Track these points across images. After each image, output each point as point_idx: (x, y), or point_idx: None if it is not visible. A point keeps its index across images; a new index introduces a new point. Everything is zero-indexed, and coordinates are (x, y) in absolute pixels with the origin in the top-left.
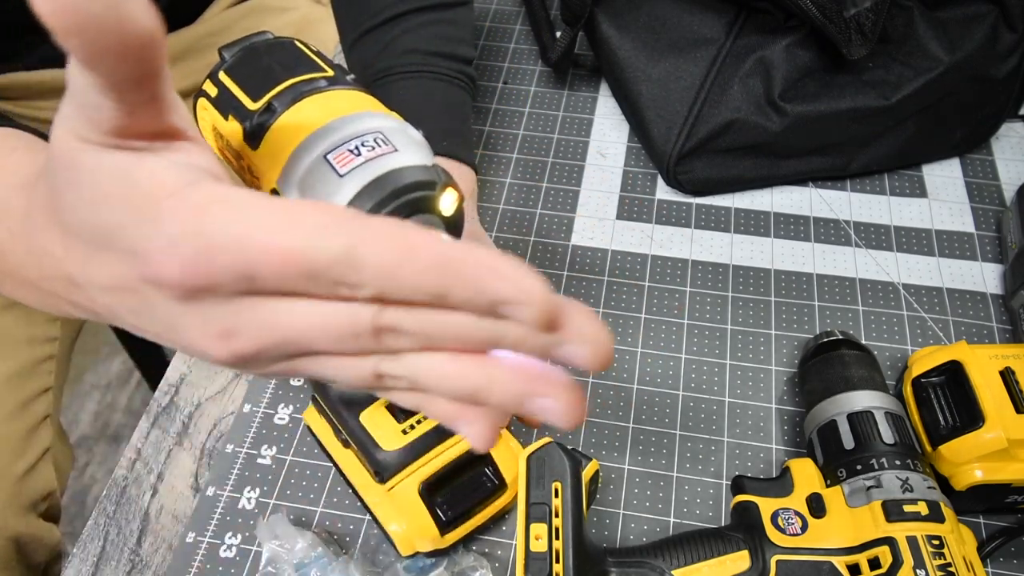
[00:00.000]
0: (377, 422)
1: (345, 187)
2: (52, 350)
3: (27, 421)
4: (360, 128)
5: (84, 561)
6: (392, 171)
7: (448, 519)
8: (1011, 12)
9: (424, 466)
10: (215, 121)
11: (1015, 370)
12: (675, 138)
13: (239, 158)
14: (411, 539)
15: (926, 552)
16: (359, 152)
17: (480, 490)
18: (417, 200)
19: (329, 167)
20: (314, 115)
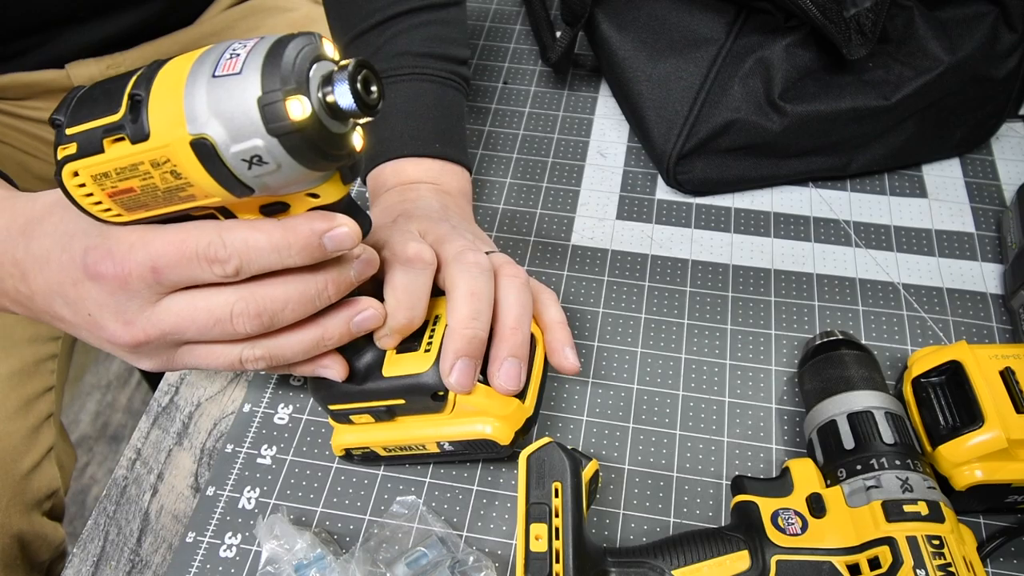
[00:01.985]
0: (400, 363)
1: (249, 78)
2: (54, 349)
3: (31, 420)
4: (223, 47)
5: (84, 561)
6: (274, 42)
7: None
8: (1011, 12)
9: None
10: (91, 169)
11: (1015, 370)
12: (675, 138)
13: (137, 168)
14: (507, 425)
15: (926, 552)
16: (237, 53)
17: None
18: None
19: (225, 78)
20: (179, 69)
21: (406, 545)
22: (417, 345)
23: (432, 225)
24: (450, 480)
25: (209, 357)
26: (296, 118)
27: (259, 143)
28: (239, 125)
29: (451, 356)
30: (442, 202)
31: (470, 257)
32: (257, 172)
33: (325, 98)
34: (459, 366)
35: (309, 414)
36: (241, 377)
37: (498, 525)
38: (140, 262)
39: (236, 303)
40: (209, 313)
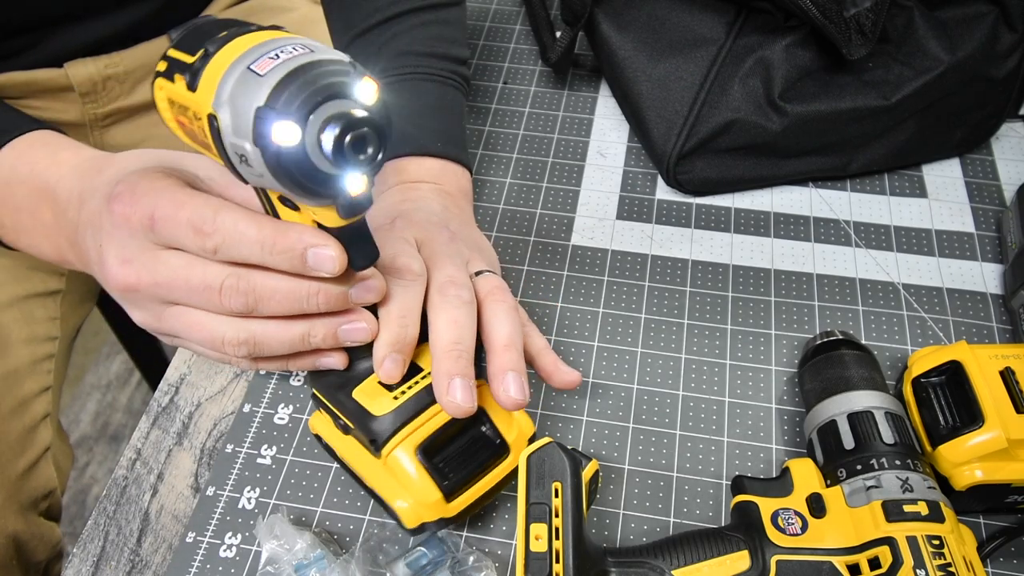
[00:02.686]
0: (368, 393)
1: (264, 84)
2: (51, 349)
3: (26, 420)
4: (282, 42)
5: (84, 561)
6: (306, 63)
7: (451, 482)
8: (1011, 12)
9: (419, 428)
10: (168, 92)
11: (1015, 370)
12: (675, 138)
13: (186, 111)
14: (417, 510)
15: (926, 552)
16: (278, 56)
17: (481, 451)
18: (331, 85)
19: (252, 74)
20: (243, 45)
21: (406, 545)
22: (395, 387)
23: (430, 234)
24: None
25: (194, 327)
26: (280, 142)
27: (247, 147)
28: (240, 122)
29: (444, 378)
30: (443, 203)
31: (451, 291)
32: (245, 170)
33: (319, 136)
34: (457, 384)
35: (309, 414)
36: (241, 377)
37: (498, 525)
38: (144, 207)
39: (228, 276)
40: (201, 277)
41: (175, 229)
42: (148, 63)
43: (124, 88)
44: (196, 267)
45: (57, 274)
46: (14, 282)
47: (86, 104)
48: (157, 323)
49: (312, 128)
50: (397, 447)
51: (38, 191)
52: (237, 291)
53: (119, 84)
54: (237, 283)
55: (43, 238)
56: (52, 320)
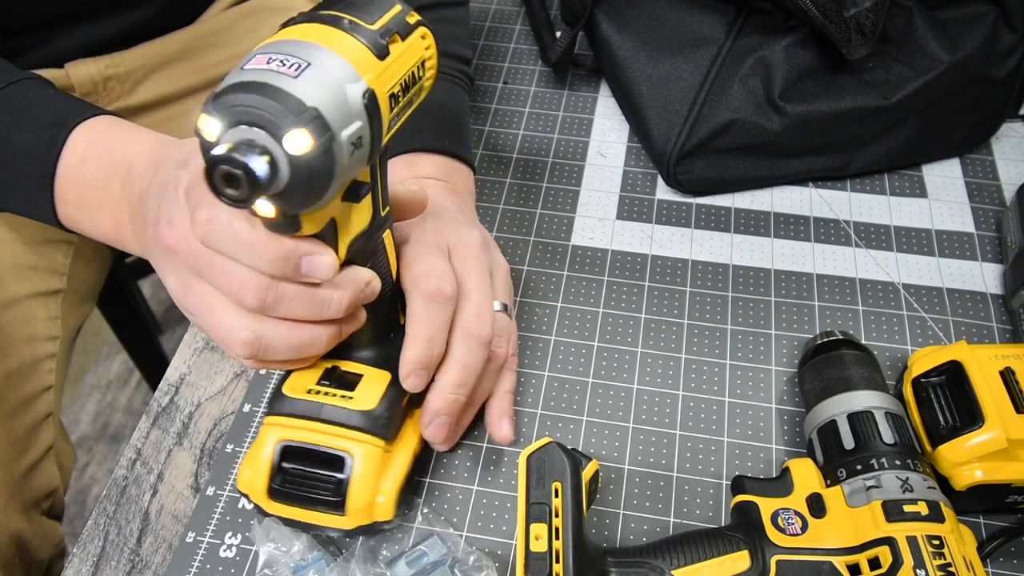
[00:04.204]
0: (303, 372)
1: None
2: (53, 348)
3: (29, 419)
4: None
5: (84, 561)
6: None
7: (279, 489)
8: (1011, 12)
9: (295, 428)
10: None
11: (1015, 370)
12: (675, 138)
13: None
14: (245, 482)
15: (926, 552)
16: (269, 63)
17: (321, 491)
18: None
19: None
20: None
21: (406, 545)
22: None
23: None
24: (450, 480)
25: (208, 311)
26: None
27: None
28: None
29: (431, 414)
30: (455, 203)
31: (474, 329)
32: None
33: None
34: (437, 424)
35: None
36: (241, 377)
37: (498, 525)
38: (189, 179)
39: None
40: (227, 263)
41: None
42: (149, 63)
43: (125, 88)
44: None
45: (58, 274)
46: (15, 282)
47: None
48: (184, 295)
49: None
50: (272, 426)
51: (112, 165)
52: (256, 287)
53: (120, 84)
54: (259, 280)
55: (106, 212)
56: (53, 320)
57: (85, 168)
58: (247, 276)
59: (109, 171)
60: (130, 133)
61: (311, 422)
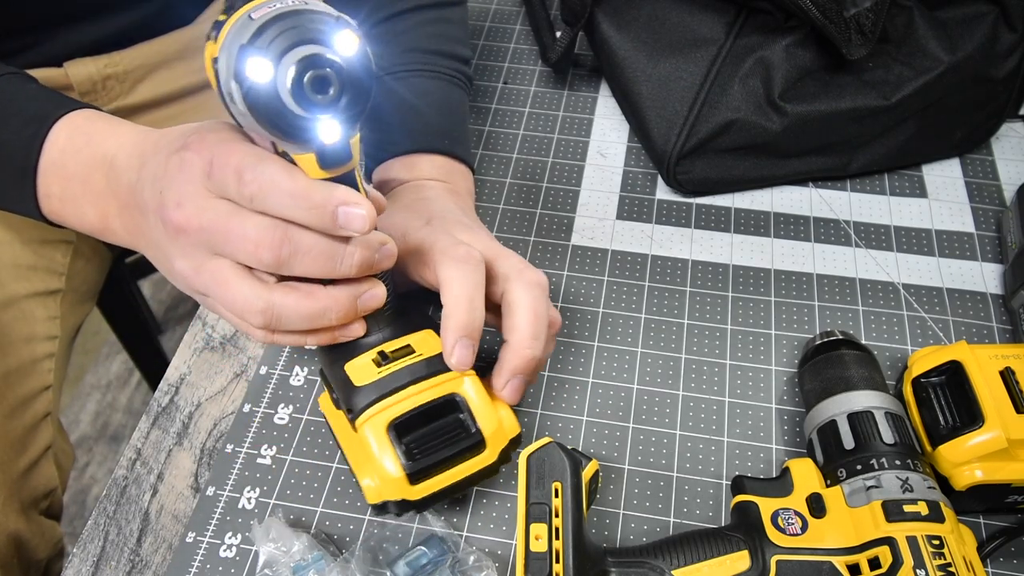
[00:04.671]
0: (357, 368)
1: (250, 27)
2: (51, 348)
3: (27, 419)
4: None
5: (84, 561)
6: (290, 9)
7: (417, 464)
8: (1011, 12)
9: (395, 405)
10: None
11: (1015, 370)
12: (675, 138)
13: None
14: (380, 488)
15: (926, 552)
16: (274, 5)
17: (454, 440)
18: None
19: (247, 19)
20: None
21: (406, 545)
22: (382, 363)
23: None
24: None
25: (221, 285)
26: (252, 77)
27: (233, 85)
28: (229, 63)
29: (507, 373)
30: (457, 205)
31: (530, 276)
32: (235, 111)
33: (286, 76)
34: (514, 384)
35: (309, 414)
36: (241, 377)
37: (498, 525)
38: (207, 153)
39: (267, 228)
40: (242, 227)
41: (224, 174)
42: (148, 63)
43: (124, 87)
44: (236, 215)
45: (57, 274)
46: (14, 281)
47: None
48: (195, 275)
49: (284, 68)
50: (370, 419)
51: (94, 159)
52: (272, 243)
53: (119, 83)
54: (273, 234)
55: (91, 205)
56: (52, 319)
57: (66, 162)
58: (263, 234)
59: (90, 165)
60: (109, 126)
61: (400, 392)
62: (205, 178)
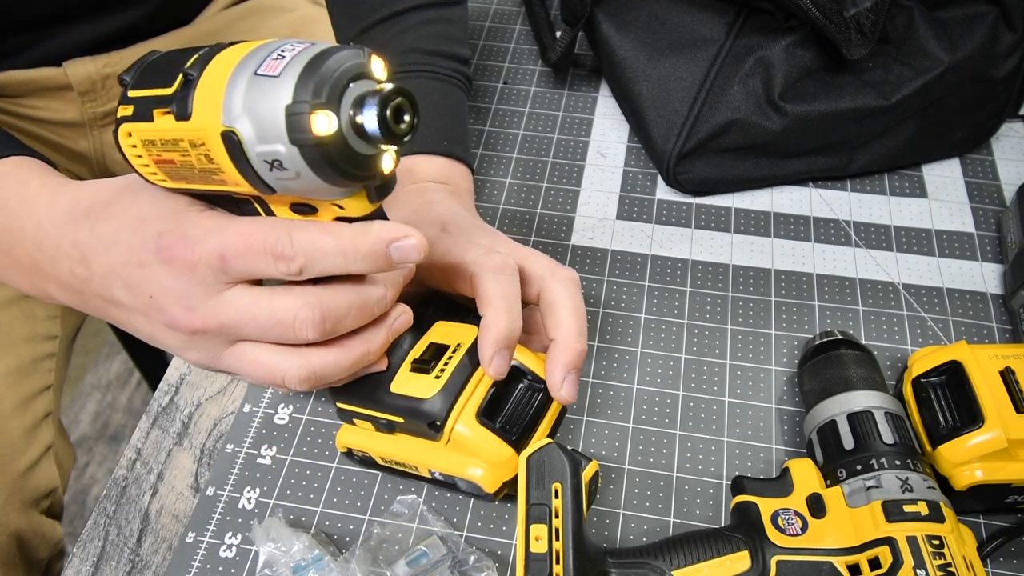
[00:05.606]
0: (409, 383)
1: (285, 83)
2: (52, 348)
3: (28, 418)
4: (277, 44)
5: (84, 561)
6: (319, 53)
7: (517, 436)
8: (1011, 12)
9: (471, 398)
10: (142, 135)
11: (1015, 370)
12: (675, 138)
13: (177, 144)
14: (495, 473)
15: (926, 552)
16: (283, 56)
17: (532, 400)
18: (351, 68)
19: (264, 78)
20: (232, 58)
21: (406, 545)
22: (430, 368)
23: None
24: None
25: (254, 365)
26: (319, 133)
27: (281, 149)
28: (266, 127)
29: (561, 370)
30: (463, 207)
31: (564, 273)
32: (278, 175)
33: (354, 118)
34: (571, 379)
35: (309, 414)
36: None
37: (498, 525)
38: (211, 249)
39: (301, 308)
40: (272, 313)
41: (252, 261)
42: None
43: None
44: (264, 303)
45: None
46: None
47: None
48: (214, 362)
49: (344, 113)
50: (457, 422)
51: (12, 232)
52: (313, 321)
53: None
54: (312, 313)
55: (23, 278)
56: (52, 319)
57: None
58: (298, 314)
59: (10, 238)
60: (22, 188)
61: (468, 384)
62: (218, 272)
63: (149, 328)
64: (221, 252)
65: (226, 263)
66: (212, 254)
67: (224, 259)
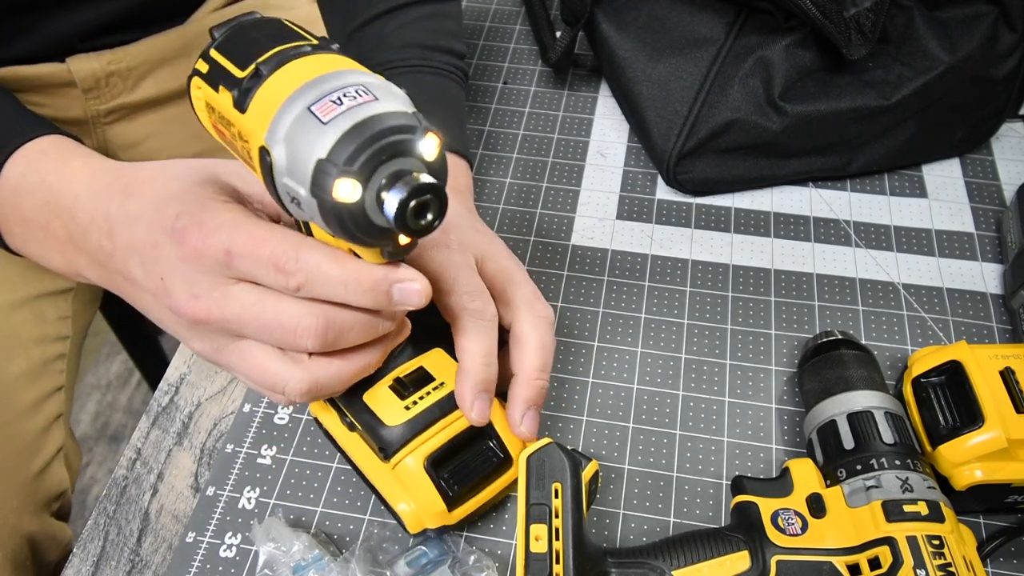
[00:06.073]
0: (380, 400)
1: (327, 134)
2: (63, 349)
3: (41, 420)
4: (343, 82)
5: (84, 561)
6: (372, 116)
7: (455, 494)
8: (1011, 12)
9: (428, 440)
10: (207, 97)
11: (1015, 370)
12: (675, 138)
13: (230, 126)
14: (419, 516)
15: (926, 552)
16: (341, 102)
17: (485, 464)
18: (397, 143)
19: (313, 117)
20: (300, 74)
21: (406, 545)
22: (406, 394)
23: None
24: None
25: (255, 369)
26: (339, 198)
27: (302, 192)
28: (296, 167)
29: (522, 405)
30: (464, 207)
31: (540, 310)
32: (295, 210)
33: (379, 193)
34: (530, 415)
35: (309, 414)
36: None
37: (498, 525)
38: (220, 241)
39: (305, 316)
40: (276, 315)
41: (254, 266)
42: (151, 59)
43: (127, 84)
44: (268, 304)
45: None
46: (25, 282)
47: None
48: (216, 356)
49: (373, 186)
50: (407, 456)
51: (49, 205)
52: (316, 331)
53: (122, 80)
54: (315, 323)
55: (57, 252)
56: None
57: (21, 203)
58: (301, 322)
59: (48, 211)
60: (61, 164)
61: (431, 427)
62: (223, 266)
63: (157, 311)
64: (229, 248)
65: (231, 260)
66: (219, 247)
67: (230, 255)
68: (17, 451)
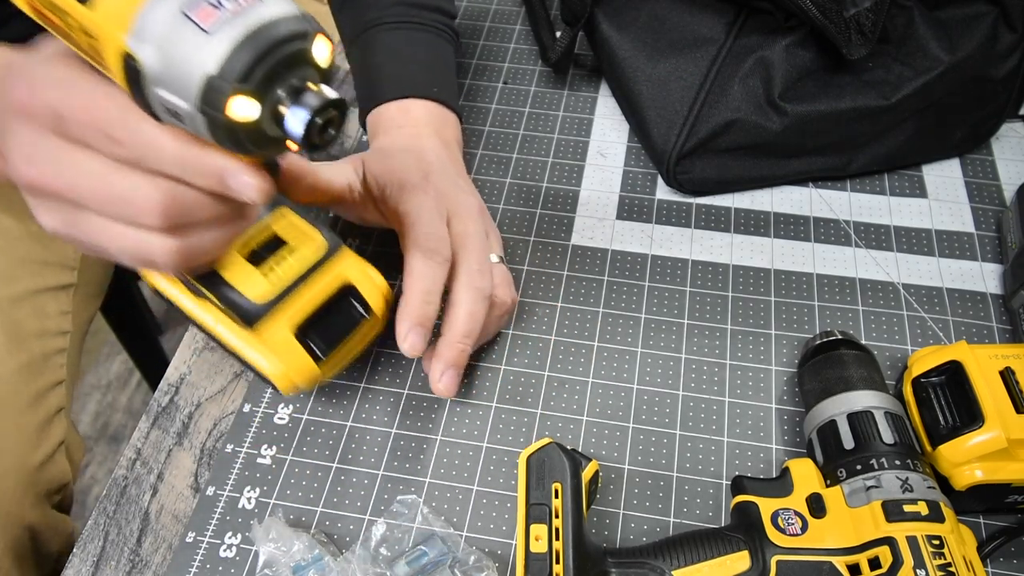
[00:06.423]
0: (236, 271)
1: (215, 45)
2: (63, 343)
3: (42, 413)
4: None
5: (84, 561)
6: (264, 24)
7: (324, 352)
8: (1011, 12)
9: (293, 308)
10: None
11: (1015, 370)
12: (675, 138)
13: (64, 16)
14: (290, 378)
15: (926, 552)
16: (220, 4)
17: (350, 321)
18: (293, 52)
19: (191, 24)
20: None
21: (406, 544)
22: (262, 259)
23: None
24: (450, 480)
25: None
26: (235, 116)
27: (185, 107)
28: (175, 79)
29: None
30: (450, 159)
31: (478, 281)
32: (170, 120)
33: (278, 107)
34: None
35: (309, 414)
36: (241, 377)
37: (498, 525)
38: (50, 101)
39: (144, 188)
40: (111, 186)
41: (85, 131)
42: None
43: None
44: (108, 175)
45: (68, 268)
46: (27, 277)
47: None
48: (70, 229)
49: (270, 100)
50: (273, 327)
51: None
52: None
53: None
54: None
55: None
56: (64, 314)
57: None
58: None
59: None
60: None
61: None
62: (56, 130)
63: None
64: (58, 109)
65: (62, 123)
66: (49, 107)
67: (60, 118)
68: (18, 443)
